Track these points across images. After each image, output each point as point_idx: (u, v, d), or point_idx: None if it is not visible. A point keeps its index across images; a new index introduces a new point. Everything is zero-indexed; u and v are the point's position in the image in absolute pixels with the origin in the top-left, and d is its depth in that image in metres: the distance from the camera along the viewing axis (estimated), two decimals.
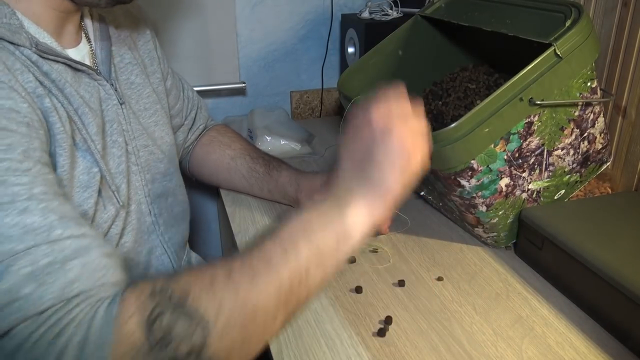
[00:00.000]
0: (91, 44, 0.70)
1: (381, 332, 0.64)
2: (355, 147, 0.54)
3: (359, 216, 0.50)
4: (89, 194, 0.60)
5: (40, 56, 0.57)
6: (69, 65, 0.62)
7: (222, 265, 0.48)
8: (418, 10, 0.94)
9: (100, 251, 0.48)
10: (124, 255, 0.67)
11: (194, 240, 1.06)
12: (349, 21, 1.27)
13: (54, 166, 0.55)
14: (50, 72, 0.58)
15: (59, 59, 0.60)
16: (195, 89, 1.34)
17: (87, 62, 0.68)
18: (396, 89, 0.58)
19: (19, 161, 0.47)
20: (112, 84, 0.69)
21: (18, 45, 0.55)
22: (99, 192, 0.62)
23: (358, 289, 0.71)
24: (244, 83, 1.34)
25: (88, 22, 0.70)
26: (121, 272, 0.49)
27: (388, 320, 0.66)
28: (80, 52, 0.67)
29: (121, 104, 0.70)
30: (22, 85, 0.53)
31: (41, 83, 0.56)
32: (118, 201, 0.65)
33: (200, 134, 0.98)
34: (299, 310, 0.51)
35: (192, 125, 0.97)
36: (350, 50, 1.27)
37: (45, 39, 0.59)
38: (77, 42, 0.68)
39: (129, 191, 0.69)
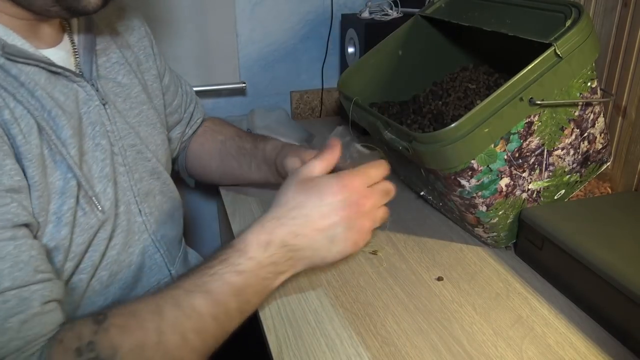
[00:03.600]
0: (74, 43, 0.67)
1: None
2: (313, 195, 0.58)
3: (283, 280, 0.59)
4: (63, 200, 0.58)
5: (8, 59, 0.55)
6: (44, 68, 0.59)
7: (155, 317, 0.51)
8: (418, 10, 0.94)
9: (40, 300, 0.49)
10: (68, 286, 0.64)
11: (194, 240, 1.06)
12: (349, 21, 1.27)
13: (25, 177, 0.54)
14: (19, 75, 0.56)
15: (31, 61, 0.57)
16: (195, 89, 1.33)
17: (69, 61, 0.66)
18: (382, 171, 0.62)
19: None
20: (94, 84, 0.67)
21: None
22: (78, 198, 0.60)
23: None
24: (244, 83, 1.34)
25: (73, 20, 0.68)
26: (58, 314, 0.51)
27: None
28: (59, 52, 0.65)
29: (104, 105, 0.67)
30: None
31: (4, 89, 0.54)
32: (97, 207, 0.63)
33: (197, 128, 0.98)
34: None
35: (190, 119, 0.96)
36: (350, 50, 1.27)
37: (15, 40, 0.57)
38: (57, 42, 0.65)
39: (116, 193, 0.68)
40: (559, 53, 0.65)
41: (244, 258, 0.56)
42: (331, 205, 0.57)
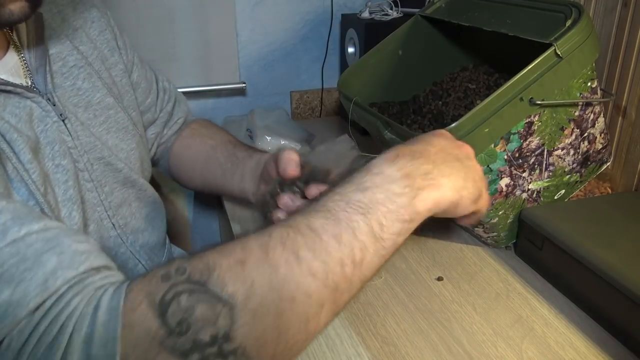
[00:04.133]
0: (21, 53, 0.60)
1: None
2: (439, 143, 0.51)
3: (428, 203, 0.46)
4: None
5: None
6: None
7: (258, 236, 0.42)
8: (418, 10, 0.94)
9: (71, 239, 0.42)
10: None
11: (194, 241, 1.05)
12: (349, 21, 1.27)
13: None
14: None
15: None
16: (195, 89, 1.34)
17: (19, 75, 0.59)
18: None
19: None
20: (50, 98, 0.60)
21: None
22: None
23: None
24: (244, 83, 1.35)
25: (20, 26, 0.60)
26: (104, 256, 0.44)
27: None
28: (5, 66, 0.57)
29: (63, 120, 0.61)
30: None
31: None
32: None
33: (179, 129, 0.90)
34: (351, 299, 0.45)
35: (169, 119, 0.88)
36: (350, 50, 1.27)
37: None
38: (1, 55, 0.58)
39: (84, 214, 0.62)
40: (559, 53, 0.65)
41: (369, 175, 0.46)
42: (444, 143, 0.51)
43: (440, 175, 0.47)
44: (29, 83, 0.59)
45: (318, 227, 0.42)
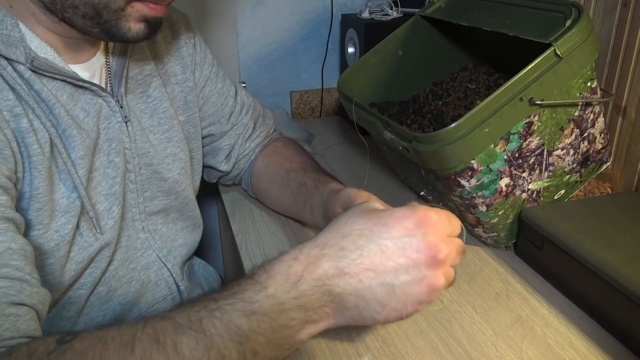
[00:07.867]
0: (107, 58, 0.66)
1: None
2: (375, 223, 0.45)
3: (312, 333, 0.43)
4: (67, 219, 0.58)
5: (35, 72, 0.55)
6: (70, 82, 0.59)
7: (118, 351, 0.38)
8: (418, 10, 0.94)
9: (5, 300, 0.42)
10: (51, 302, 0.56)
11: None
12: (349, 21, 1.27)
13: (27, 187, 0.53)
14: (42, 90, 0.55)
15: (57, 76, 0.57)
16: None
17: (99, 76, 0.65)
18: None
19: None
20: (119, 100, 0.65)
21: (12, 60, 0.53)
22: (79, 218, 0.59)
23: None
24: (244, 83, 1.34)
25: None
26: (27, 323, 0.42)
27: None
28: (91, 67, 0.64)
29: (126, 122, 0.66)
30: None
31: (25, 102, 0.54)
32: (95, 228, 0.61)
33: (261, 142, 0.90)
34: None
35: (251, 132, 0.88)
36: (350, 50, 1.28)
37: (47, 53, 0.57)
38: (90, 57, 0.64)
39: (123, 211, 0.67)
40: (558, 53, 0.65)
41: (262, 294, 0.41)
42: (400, 241, 0.43)
43: (342, 309, 0.43)
44: (105, 84, 0.65)
45: (186, 351, 0.38)
